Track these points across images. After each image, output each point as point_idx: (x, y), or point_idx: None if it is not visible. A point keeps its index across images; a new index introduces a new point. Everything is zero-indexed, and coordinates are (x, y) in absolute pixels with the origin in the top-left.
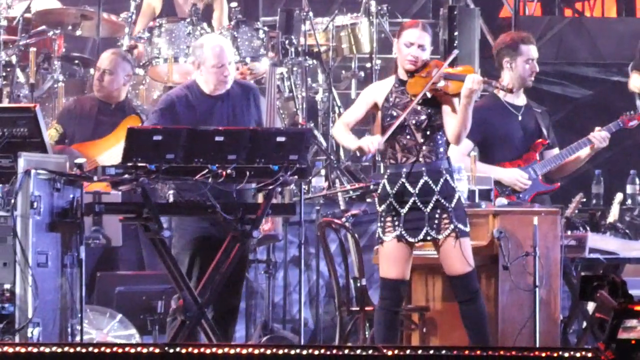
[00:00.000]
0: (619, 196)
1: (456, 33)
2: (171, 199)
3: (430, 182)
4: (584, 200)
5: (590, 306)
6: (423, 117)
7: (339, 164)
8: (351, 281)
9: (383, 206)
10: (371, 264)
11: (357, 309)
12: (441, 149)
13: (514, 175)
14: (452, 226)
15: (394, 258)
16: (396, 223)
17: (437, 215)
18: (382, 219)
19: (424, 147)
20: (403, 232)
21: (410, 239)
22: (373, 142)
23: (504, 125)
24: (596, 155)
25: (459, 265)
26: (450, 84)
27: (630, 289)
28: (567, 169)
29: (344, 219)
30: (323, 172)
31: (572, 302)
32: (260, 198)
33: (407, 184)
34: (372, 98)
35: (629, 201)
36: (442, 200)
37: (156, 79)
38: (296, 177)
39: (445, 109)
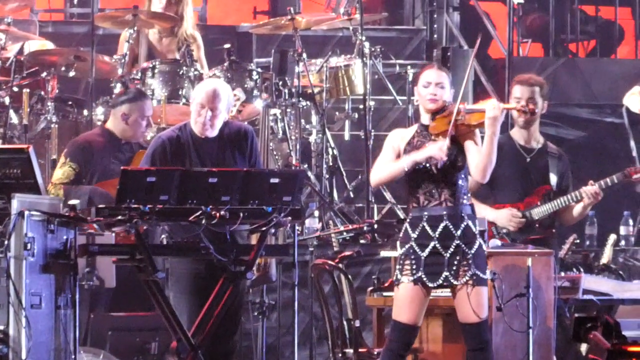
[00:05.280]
0: (612, 237)
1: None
2: (164, 242)
3: (451, 226)
4: (578, 241)
5: (584, 347)
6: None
7: (332, 206)
8: (345, 322)
9: (404, 249)
10: (365, 306)
11: (351, 350)
12: (463, 194)
13: (506, 215)
14: (470, 273)
15: (409, 302)
16: (414, 267)
17: (456, 261)
18: (401, 261)
19: (445, 191)
20: (422, 276)
21: (429, 284)
22: (442, 148)
23: (509, 166)
24: None
25: (473, 314)
26: (472, 116)
27: (623, 330)
28: (564, 218)
29: (337, 261)
30: (317, 213)
31: (565, 344)
32: (253, 239)
33: (427, 228)
34: (397, 142)
35: (623, 242)
36: (463, 246)
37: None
38: (290, 218)
39: (468, 145)
